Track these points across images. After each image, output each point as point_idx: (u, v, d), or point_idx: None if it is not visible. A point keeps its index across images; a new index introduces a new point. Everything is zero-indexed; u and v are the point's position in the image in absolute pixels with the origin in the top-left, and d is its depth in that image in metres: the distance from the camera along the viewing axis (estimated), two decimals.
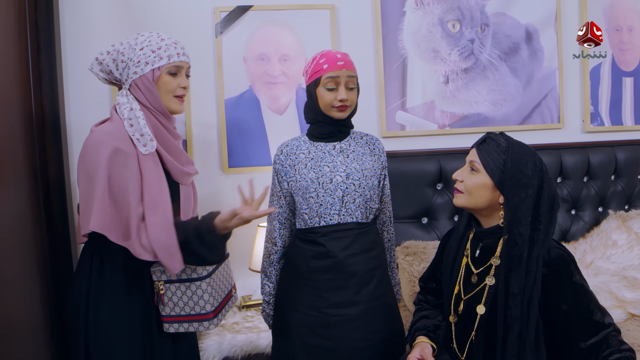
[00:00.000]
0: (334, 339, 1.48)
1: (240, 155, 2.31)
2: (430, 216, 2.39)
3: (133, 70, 1.36)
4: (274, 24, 2.32)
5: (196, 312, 1.39)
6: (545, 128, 2.53)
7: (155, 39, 1.38)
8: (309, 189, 1.50)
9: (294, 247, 1.58)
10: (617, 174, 2.53)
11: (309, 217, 1.52)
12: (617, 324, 1.88)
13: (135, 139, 1.32)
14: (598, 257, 2.09)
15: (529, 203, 1.25)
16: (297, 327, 1.51)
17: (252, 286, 2.31)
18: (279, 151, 1.59)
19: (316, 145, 1.56)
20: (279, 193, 1.59)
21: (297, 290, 1.53)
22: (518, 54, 2.49)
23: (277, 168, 1.58)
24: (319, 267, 1.50)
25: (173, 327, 1.40)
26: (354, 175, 1.51)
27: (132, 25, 2.22)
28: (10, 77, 1.81)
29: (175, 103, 1.41)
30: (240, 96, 2.32)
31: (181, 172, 1.42)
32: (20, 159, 1.81)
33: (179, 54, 1.39)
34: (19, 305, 1.75)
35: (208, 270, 1.40)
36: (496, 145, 1.32)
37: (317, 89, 1.50)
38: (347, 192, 1.49)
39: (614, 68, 2.59)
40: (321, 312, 1.48)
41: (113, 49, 1.39)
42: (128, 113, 1.33)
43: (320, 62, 1.50)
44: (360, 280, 1.49)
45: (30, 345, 1.80)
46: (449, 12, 2.41)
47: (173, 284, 1.38)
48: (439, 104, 2.45)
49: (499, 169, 1.29)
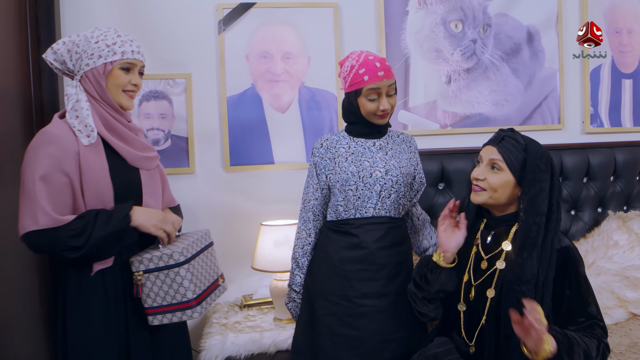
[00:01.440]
0: (361, 329, 1.52)
1: (242, 153, 2.30)
2: (431, 215, 2.38)
3: (85, 62, 1.37)
4: (277, 21, 2.31)
5: (178, 300, 1.38)
6: (545, 129, 2.55)
7: (111, 34, 1.40)
8: (349, 182, 1.55)
9: (326, 238, 1.61)
10: (616, 175, 2.55)
11: (345, 208, 1.57)
12: (619, 323, 1.90)
13: (77, 130, 1.34)
14: (600, 257, 2.11)
15: (544, 195, 1.33)
16: (325, 315, 1.55)
17: (254, 285, 2.29)
18: (319, 144, 1.63)
19: (356, 141, 1.60)
20: (316, 185, 1.62)
21: (328, 280, 1.56)
22: (519, 54, 2.50)
23: (316, 161, 1.62)
24: (351, 257, 1.54)
25: (157, 319, 1.39)
26: (392, 171, 1.56)
27: (133, 20, 2.20)
28: (10, 71, 1.78)
29: (124, 98, 1.43)
30: (242, 94, 2.30)
31: (136, 157, 1.44)
32: (20, 154, 1.78)
33: (133, 51, 1.41)
34: (19, 304, 1.72)
35: (185, 256, 1.40)
36: (516, 143, 1.39)
37: (358, 98, 1.54)
38: (384, 187, 1.55)
39: (614, 70, 2.61)
40: (351, 301, 1.53)
41: (69, 40, 1.40)
42: (73, 104, 1.36)
43: (359, 72, 1.51)
44: (390, 273, 1.55)
45: (29, 343, 1.78)
46: (452, 12, 2.42)
47: (152, 273, 1.38)
48: (441, 103, 2.45)
49: (520, 165, 1.36)
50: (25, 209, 1.30)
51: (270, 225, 2.09)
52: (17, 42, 1.85)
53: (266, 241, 2.07)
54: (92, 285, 1.38)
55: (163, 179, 1.59)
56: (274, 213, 2.26)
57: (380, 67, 1.51)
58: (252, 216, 2.29)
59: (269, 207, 2.30)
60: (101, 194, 1.36)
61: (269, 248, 2.05)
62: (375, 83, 1.50)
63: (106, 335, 1.38)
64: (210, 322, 2.07)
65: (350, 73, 1.53)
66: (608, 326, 1.88)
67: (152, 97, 2.23)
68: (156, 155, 1.53)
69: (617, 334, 1.80)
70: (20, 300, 1.75)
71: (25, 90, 1.88)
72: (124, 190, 1.41)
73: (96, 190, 1.35)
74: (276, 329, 1.96)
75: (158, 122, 2.23)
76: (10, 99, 1.75)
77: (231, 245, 2.28)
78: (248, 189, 2.32)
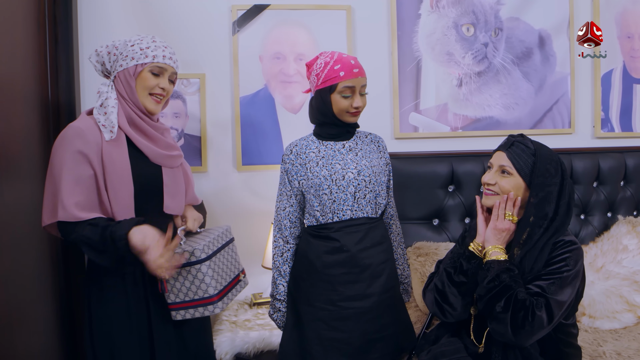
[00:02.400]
0: (348, 331, 1.53)
1: (254, 153, 2.32)
2: (441, 218, 2.39)
3: (120, 64, 1.45)
4: (291, 23, 2.33)
5: (200, 296, 1.41)
6: (556, 133, 2.55)
7: (147, 39, 1.47)
8: (322, 186, 1.54)
9: (306, 244, 1.61)
10: (627, 180, 2.55)
11: (322, 213, 1.57)
12: (628, 327, 1.91)
13: (101, 125, 1.40)
14: (609, 261, 2.11)
15: (551, 199, 1.36)
16: (312, 321, 1.55)
17: (264, 284, 2.31)
18: (288, 151, 1.63)
19: (325, 144, 1.60)
20: (289, 192, 1.62)
21: (311, 285, 1.56)
22: (531, 58, 2.51)
23: (287, 167, 1.62)
24: (333, 261, 1.54)
25: (180, 314, 1.43)
26: (364, 172, 1.56)
27: (148, 20, 2.23)
28: (27, 70, 1.81)
29: (149, 101, 1.47)
30: (255, 94, 2.32)
31: (158, 155, 1.47)
32: (36, 151, 1.82)
33: (165, 56, 1.47)
34: (31, 297, 1.75)
35: (207, 253, 1.42)
36: (525, 148, 1.41)
37: (331, 95, 1.53)
38: (358, 188, 1.55)
39: (625, 75, 2.61)
40: (336, 305, 1.53)
41: (111, 44, 1.48)
42: (102, 101, 1.42)
43: (335, 68, 1.52)
44: (373, 274, 1.55)
45: (40, 335, 1.80)
46: (464, 16, 2.43)
47: None
48: (452, 106, 2.46)
49: (530, 170, 1.38)
50: (47, 200, 1.36)
51: None
52: (35, 41, 1.88)
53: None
54: (113, 279, 1.42)
55: (187, 178, 1.62)
56: None
57: (355, 65, 1.53)
58: (263, 215, 2.31)
59: None
60: (122, 187, 1.40)
61: None
62: (350, 80, 1.51)
63: (128, 329, 1.42)
64: (220, 319, 2.09)
65: (324, 69, 1.53)
66: (616, 330, 1.90)
67: None
68: (179, 154, 1.57)
69: (626, 338, 1.81)
70: (35, 296, 1.77)
71: (42, 89, 1.91)
72: (144, 187, 1.44)
73: (118, 184, 1.39)
74: None
75: (172, 121, 2.26)
76: (27, 96, 1.78)
77: (242, 243, 2.28)
78: (259, 189, 2.34)
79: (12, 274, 1.59)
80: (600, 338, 1.79)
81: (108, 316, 1.42)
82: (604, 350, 1.68)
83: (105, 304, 1.42)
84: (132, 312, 1.43)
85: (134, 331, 1.43)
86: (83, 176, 1.35)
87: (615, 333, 1.85)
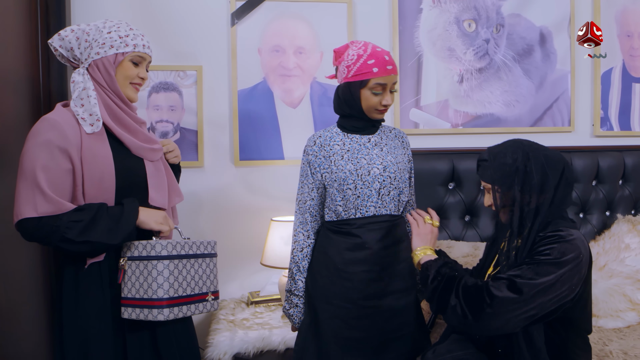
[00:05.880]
0: (366, 330, 1.49)
1: (252, 148, 2.26)
2: (441, 215, 2.36)
3: (95, 51, 1.37)
4: (290, 15, 2.28)
5: (148, 296, 1.31)
6: (555, 131, 2.54)
7: (124, 27, 1.41)
8: (347, 181, 1.49)
9: (326, 239, 1.55)
10: (625, 178, 2.55)
11: (344, 208, 1.51)
12: (632, 326, 1.89)
13: (80, 118, 1.33)
14: (612, 260, 2.10)
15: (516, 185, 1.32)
16: (329, 319, 1.51)
17: (261, 282, 2.26)
18: (312, 142, 1.56)
19: (350, 137, 1.54)
20: (312, 185, 1.56)
21: (330, 283, 1.51)
22: (532, 55, 2.49)
23: (310, 159, 1.55)
24: (354, 258, 1.50)
25: (127, 312, 1.34)
26: (390, 168, 1.51)
27: (143, 10, 2.16)
28: (19, 59, 1.75)
29: (130, 90, 1.43)
30: (253, 88, 2.27)
31: (140, 147, 1.43)
32: None
33: (144, 45, 1.42)
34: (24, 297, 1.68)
35: (169, 252, 1.34)
36: (485, 162, 1.40)
37: (361, 90, 1.47)
38: (383, 185, 1.50)
39: (625, 74, 2.61)
40: (355, 304, 1.49)
41: (78, 28, 1.39)
42: (79, 92, 1.34)
43: (368, 63, 1.45)
44: (393, 272, 1.52)
45: (33, 336, 1.74)
46: (465, 11, 2.40)
47: (134, 261, 1.34)
48: (452, 102, 2.43)
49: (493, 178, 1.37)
50: (23, 195, 1.26)
51: (281, 221, 2.06)
52: (26, 30, 1.81)
53: (276, 237, 2.03)
54: (88, 277, 1.33)
55: (168, 172, 1.55)
56: (283, 209, 2.23)
57: (388, 61, 1.47)
58: (261, 212, 2.26)
59: (277, 203, 2.27)
60: (103, 182, 1.32)
61: (279, 244, 2.02)
62: (383, 77, 1.45)
63: (102, 329, 1.33)
64: (218, 318, 2.04)
65: (357, 62, 1.46)
66: (620, 329, 1.89)
67: (162, 89, 2.19)
68: (160, 148, 1.51)
69: (631, 337, 1.79)
70: (24, 296, 1.70)
71: (33, 78, 1.85)
72: (126, 180, 1.37)
73: (99, 179, 1.32)
74: (285, 327, 1.93)
75: (167, 114, 2.20)
76: (18, 86, 1.72)
77: (239, 241, 2.25)
78: (257, 184, 2.28)
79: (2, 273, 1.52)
80: (605, 337, 1.77)
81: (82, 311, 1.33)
82: (610, 350, 1.66)
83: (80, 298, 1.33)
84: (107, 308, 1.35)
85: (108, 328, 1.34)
86: (62, 169, 1.28)
87: (619, 332, 1.83)
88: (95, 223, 1.28)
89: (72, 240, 1.26)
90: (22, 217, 1.25)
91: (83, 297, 1.33)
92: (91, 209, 1.29)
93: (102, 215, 1.29)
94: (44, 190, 1.24)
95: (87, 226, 1.27)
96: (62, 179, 1.28)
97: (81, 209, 1.29)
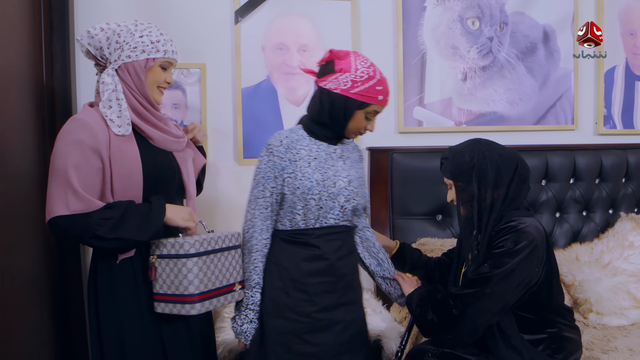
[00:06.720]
0: (320, 344, 1.44)
1: (256, 146, 2.26)
2: (445, 213, 2.37)
3: (127, 54, 1.39)
4: (294, 13, 2.28)
5: (180, 292, 1.35)
6: (559, 129, 2.54)
7: (155, 31, 1.43)
8: (312, 190, 1.42)
9: (279, 249, 1.47)
10: (628, 176, 2.55)
11: (303, 218, 1.44)
12: (636, 324, 1.90)
13: (108, 119, 1.35)
14: (615, 258, 2.10)
15: (472, 180, 1.45)
16: (282, 334, 1.44)
17: None
18: (277, 142, 1.45)
19: (318, 144, 1.47)
20: (272, 189, 1.44)
21: (285, 295, 1.44)
22: (535, 54, 2.49)
23: (275, 160, 1.43)
24: (312, 270, 1.44)
25: (160, 307, 1.38)
26: (354, 182, 1.49)
27: (147, 7, 2.16)
28: (22, 56, 1.74)
29: (157, 93, 1.47)
30: (257, 86, 2.26)
31: (167, 140, 1.47)
32: (31, 140, 1.75)
33: (173, 51, 1.46)
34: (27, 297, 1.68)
35: (197, 249, 1.36)
36: (446, 160, 1.53)
37: (357, 110, 1.42)
38: (348, 198, 1.46)
39: (628, 72, 2.61)
40: (310, 317, 1.43)
41: (108, 27, 1.40)
42: (109, 94, 1.37)
43: (377, 88, 1.41)
44: (346, 283, 1.49)
45: (35, 337, 1.73)
46: (469, 10, 2.40)
47: (164, 259, 1.37)
48: (456, 101, 2.43)
49: (454, 173, 1.50)
50: (55, 193, 1.29)
51: None
52: (30, 27, 1.81)
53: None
54: (121, 272, 1.38)
55: (192, 162, 1.60)
56: None
57: (388, 92, 1.46)
58: None
59: None
60: (131, 179, 1.36)
61: None
62: (382, 107, 1.45)
63: (138, 322, 1.38)
64: (222, 316, 2.03)
65: (366, 82, 1.40)
66: (624, 327, 1.89)
67: None
68: (185, 139, 1.55)
69: (635, 335, 1.80)
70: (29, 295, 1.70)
71: (37, 76, 1.84)
72: (153, 176, 1.40)
73: (127, 177, 1.35)
74: None
75: (171, 112, 2.19)
76: (21, 83, 1.71)
77: None
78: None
79: (5, 272, 1.52)
80: (610, 335, 1.78)
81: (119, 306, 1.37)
82: (616, 346, 1.67)
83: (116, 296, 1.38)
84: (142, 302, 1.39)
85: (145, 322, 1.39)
86: (93, 168, 1.31)
87: (624, 330, 1.84)
88: (125, 220, 1.31)
89: (103, 237, 1.29)
90: (54, 215, 1.28)
91: (119, 291, 1.38)
92: (120, 207, 1.32)
93: (131, 212, 1.32)
94: (75, 188, 1.27)
95: (117, 223, 1.30)
96: (93, 178, 1.32)
97: (110, 206, 1.32)
